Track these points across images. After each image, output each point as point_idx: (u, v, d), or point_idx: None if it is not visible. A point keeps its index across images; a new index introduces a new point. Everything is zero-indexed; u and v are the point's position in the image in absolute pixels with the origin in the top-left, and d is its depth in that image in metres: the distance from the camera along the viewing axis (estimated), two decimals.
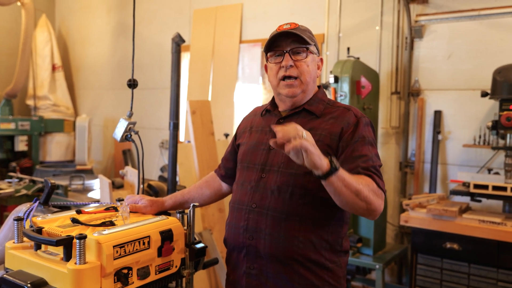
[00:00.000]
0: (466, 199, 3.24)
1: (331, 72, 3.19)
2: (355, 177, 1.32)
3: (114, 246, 1.16)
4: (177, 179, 3.02)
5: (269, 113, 1.63)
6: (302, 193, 1.42)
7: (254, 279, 1.47)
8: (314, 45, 1.54)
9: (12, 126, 5.42)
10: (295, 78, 1.50)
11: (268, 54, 1.55)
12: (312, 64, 1.53)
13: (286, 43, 1.49)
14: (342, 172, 1.26)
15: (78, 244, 1.10)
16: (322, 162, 1.21)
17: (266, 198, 1.46)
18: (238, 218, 1.51)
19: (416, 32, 3.64)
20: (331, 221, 1.46)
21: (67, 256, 1.14)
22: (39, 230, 1.24)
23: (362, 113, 1.52)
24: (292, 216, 1.42)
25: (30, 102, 5.87)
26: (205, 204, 1.80)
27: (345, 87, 3.11)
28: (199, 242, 1.45)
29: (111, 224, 1.29)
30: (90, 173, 5.16)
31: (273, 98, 1.63)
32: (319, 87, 1.63)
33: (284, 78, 1.51)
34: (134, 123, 1.90)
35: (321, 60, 1.61)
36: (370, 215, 1.36)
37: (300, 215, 1.42)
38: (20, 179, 3.79)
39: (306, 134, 1.20)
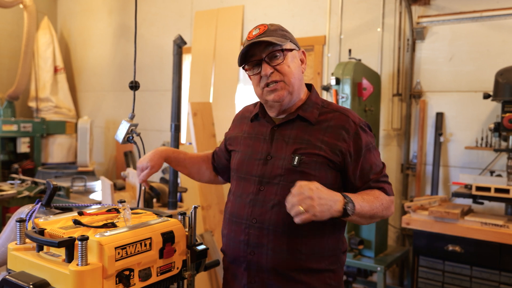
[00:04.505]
0: (468, 201, 3.23)
1: (332, 74, 3.18)
2: (368, 198, 1.37)
3: (115, 248, 1.16)
4: (179, 181, 3.02)
5: (259, 119, 1.57)
6: None
7: None
8: (290, 41, 1.46)
9: (14, 128, 5.44)
10: (280, 80, 1.43)
11: (246, 67, 1.48)
12: (293, 62, 1.45)
13: (260, 50, 1.43)
14: (356, 208, 1.30)
15: (80, 245, 1.10)
16: (334, 211, 1.27)
17: (267, 212, 1.42)
18: (238, 232, 1.47)
19: (418, 34, 3.64)
20: (332, 229, 1.45)
21: (69, 258, 1.14)
22: (41, 232, 1.24)
23: (359, 116, 1.48)
24: (294, 230, 1.39)
25: (32, 104, 5.88)
26: (197, 179, 1.81)
27: (347, 89, 3.11)
28: (201, 243, 1.44)
29: (113, 225, 1.29)
30: (91, 174, 5.16)
31: (261, 104, 1.56)
32: (310, 87, 1.56)
33: (268, 84, 1.44)
34: (136, 125, 1.90)
35: (303, 52, 1.52)
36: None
37: (302, 229, 1.38)
38: (22, 181, 3.79)
39: (310, 190, 1.23)
